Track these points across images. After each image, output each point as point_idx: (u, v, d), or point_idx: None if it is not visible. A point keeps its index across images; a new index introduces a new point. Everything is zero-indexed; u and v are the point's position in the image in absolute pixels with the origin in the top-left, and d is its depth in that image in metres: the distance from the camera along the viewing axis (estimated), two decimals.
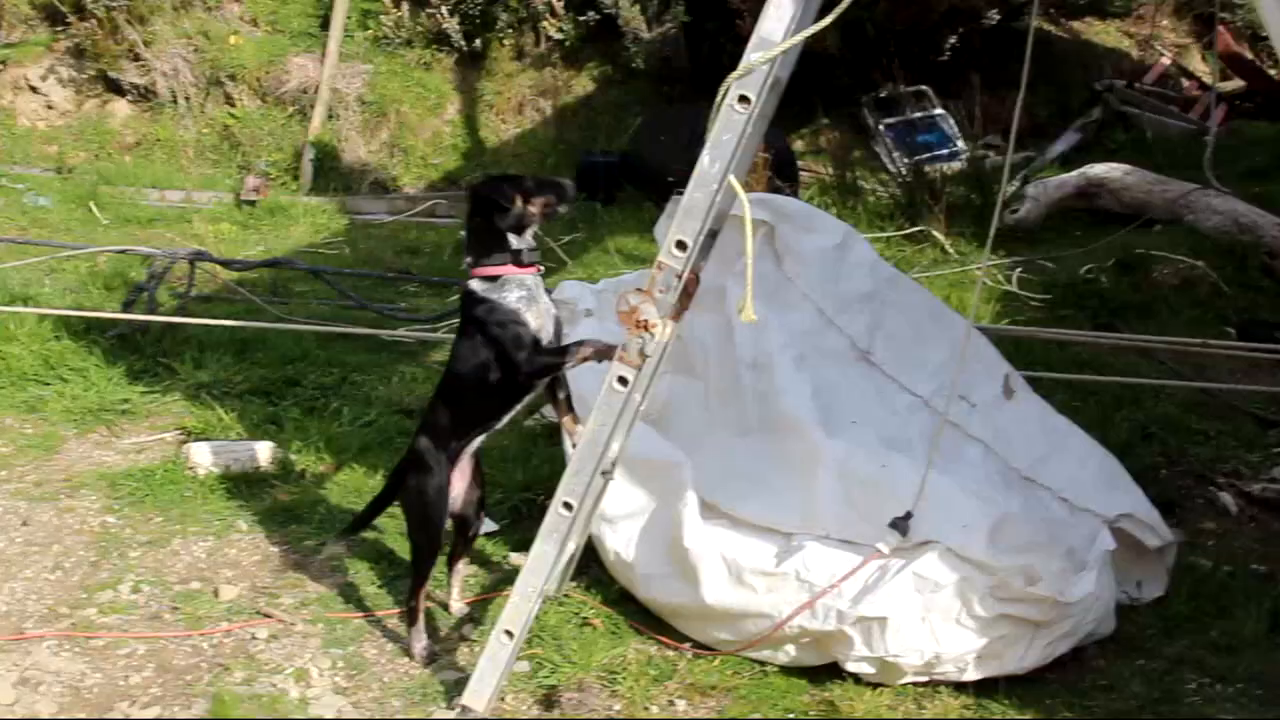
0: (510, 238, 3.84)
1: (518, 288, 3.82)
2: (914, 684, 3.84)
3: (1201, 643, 4.03)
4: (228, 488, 5.15)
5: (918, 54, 10.75)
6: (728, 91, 3.16)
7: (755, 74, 3.13)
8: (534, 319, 3.81)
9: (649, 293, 3.32)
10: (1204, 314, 7.08)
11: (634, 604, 4.25)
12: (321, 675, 3.93)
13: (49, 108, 11.95)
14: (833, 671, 3.90)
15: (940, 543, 3.87)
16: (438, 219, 10.57)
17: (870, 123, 10.88)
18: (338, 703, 3.81)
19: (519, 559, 4.40)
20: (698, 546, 3.99)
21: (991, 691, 3.79)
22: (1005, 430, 4.49)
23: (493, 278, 3.84)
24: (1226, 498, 5.02)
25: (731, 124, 3.17)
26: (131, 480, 5.19)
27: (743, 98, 3.14)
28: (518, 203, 3.83)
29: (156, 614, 4.25)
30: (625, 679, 3.88)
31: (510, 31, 11.88)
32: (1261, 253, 7.70)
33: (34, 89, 11.95)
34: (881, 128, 10.77)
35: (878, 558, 3.87)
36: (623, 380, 3.38)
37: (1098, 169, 9.05)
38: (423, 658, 4.01)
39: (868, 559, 3.86)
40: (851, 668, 3.85)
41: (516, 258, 3.84)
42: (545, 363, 3.83)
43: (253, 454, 5.34)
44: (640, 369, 3.36)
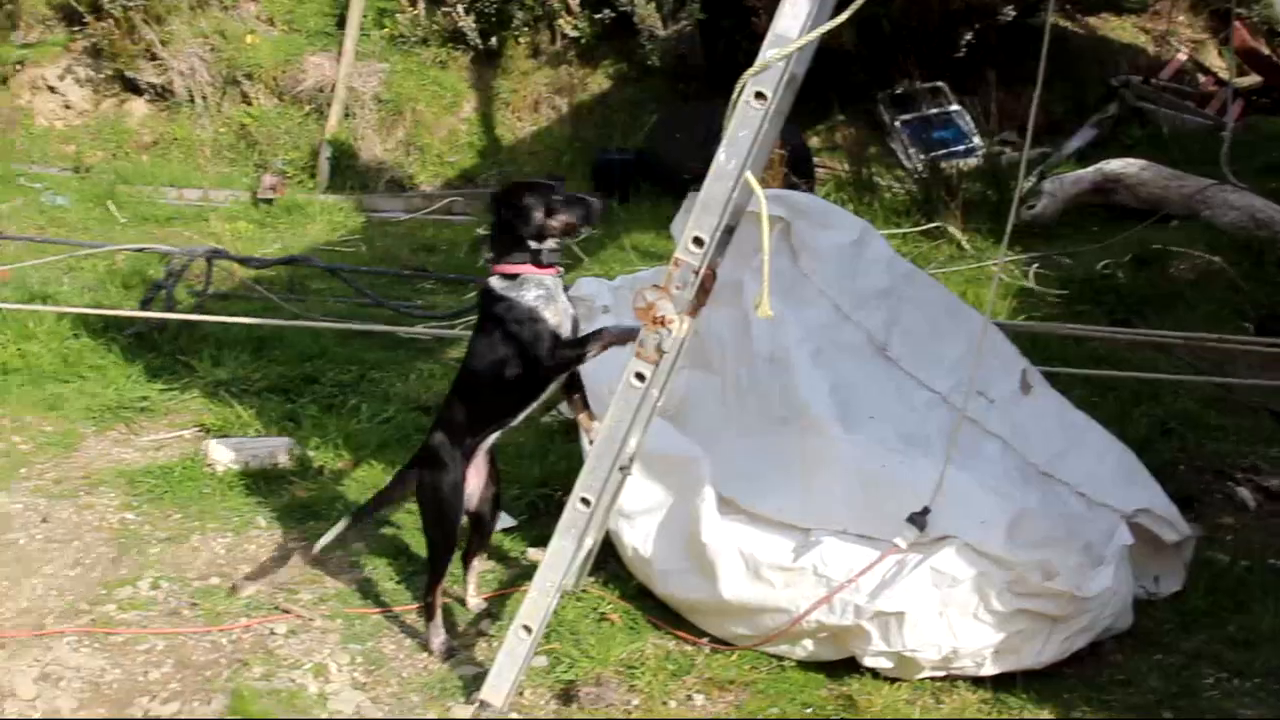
0: (530, 241, 3.86)
1: (536, 287, 3.82)
2: (931, 679, 3.83)
3: (1219, 637, 4.01)
4: (246, 484, 5.17)
5: (934, 50, 10.74)
6: (744, 88, 3.16)
7: (771, 70, 3.12)
8: (552, 316, 3.81)
9: (666, 289, 3.31)
10: (1221, 309, 7.05)
11: (652, 599, 4.25)
12: (340, 670, 3.95)
13: (66, 107, 12.03)
14: (850, 666, 3.90)
15: (958, 538, 3.87)
16: (454, 216, 10.59)
17: (886, 119, 10.88)
18: (356, 698, 3.82)
19: (537, 554, 4.42)
20: (715, 542, 4.00)
21: (1009, 686, 3.79)
22: (1023, 426, 4.48)
23: (512, 276, 3.84)
24: (1244, 493, 5.00)
25: (748, 120, 3.17)
26: (150, 477, 5.22)
27: (759, 94, 3.14)
28: (539, 216, 3.83)
29: (175, 610, 4.27)
30: (643, 674, 3.89)
31: (526, 29, 11.91)
32: (1278, 248, 7.67)
33: (51, 89, 12.03)
34: (898, 124, 10.76)
35: (895, 553, 3.87)
36: (640, 376, 3.38)
37: (1114, 164, 9.04)
38: (441, 653, 4.02)
39: (885, 554, 3.86)
40: (869, 662, 3.84)
41: (536, 258, 3.85)
42: (566, 356, 3.84)
43: (271, 451, 5.35)
44: (657, 365, 3.36)
